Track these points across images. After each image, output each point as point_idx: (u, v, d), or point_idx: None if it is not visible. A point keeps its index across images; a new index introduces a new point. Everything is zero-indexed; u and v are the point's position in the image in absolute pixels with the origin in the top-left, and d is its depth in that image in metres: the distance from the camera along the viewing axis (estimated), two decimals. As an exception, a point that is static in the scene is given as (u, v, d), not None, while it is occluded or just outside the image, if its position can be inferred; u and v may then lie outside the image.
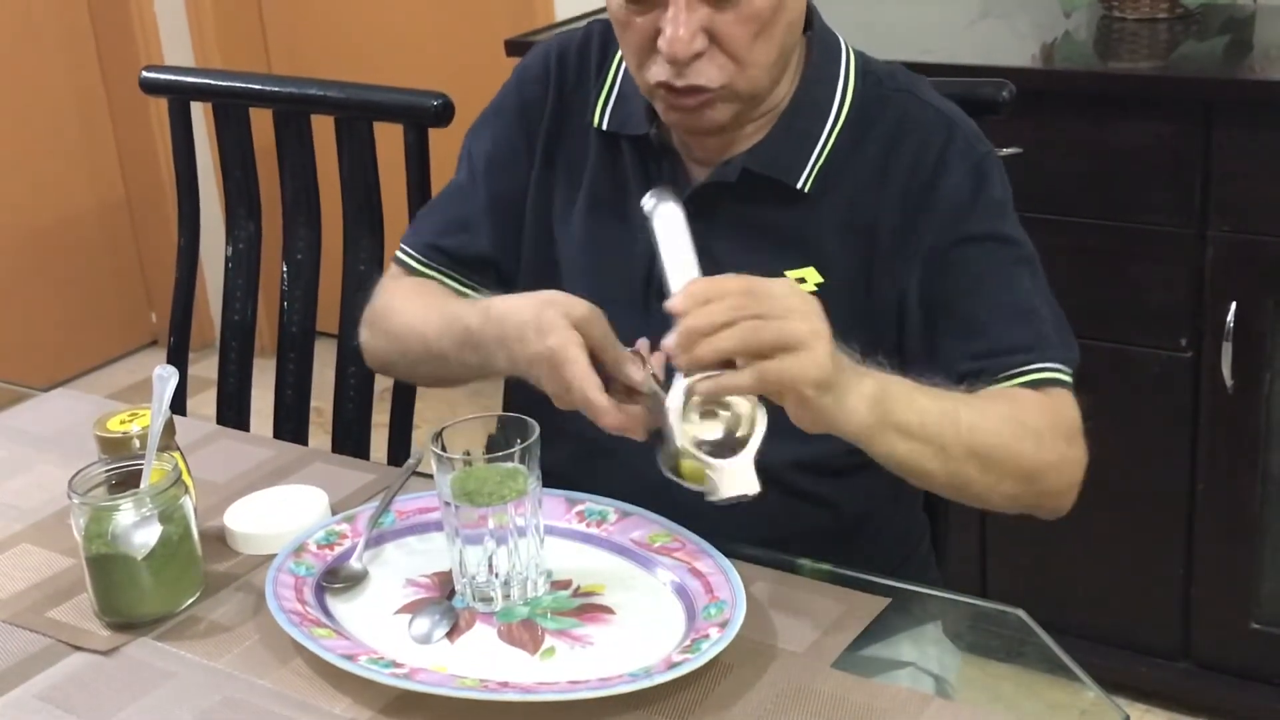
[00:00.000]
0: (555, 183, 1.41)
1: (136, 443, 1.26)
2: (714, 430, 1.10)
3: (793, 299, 1.08)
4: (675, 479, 1.11)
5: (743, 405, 1.10)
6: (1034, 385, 1.26)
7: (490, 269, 1.44)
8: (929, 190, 1.29)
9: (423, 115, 1.70)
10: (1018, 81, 1.49)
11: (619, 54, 1.37)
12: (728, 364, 1.08)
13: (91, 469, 1.19)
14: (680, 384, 1.09)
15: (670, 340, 1.08)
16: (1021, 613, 1.16)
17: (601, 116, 1.38)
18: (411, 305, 1.40)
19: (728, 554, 1.18)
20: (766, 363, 1.06)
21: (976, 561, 2.33)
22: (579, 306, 1.17)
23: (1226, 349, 2.04)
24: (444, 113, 1.70)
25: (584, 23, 1.46)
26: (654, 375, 1.15)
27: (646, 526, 1.24)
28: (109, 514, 1.14)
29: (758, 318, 1.06)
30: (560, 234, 1.41)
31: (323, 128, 1.77)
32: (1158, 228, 2.06)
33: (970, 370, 1.26)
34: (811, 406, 1.09)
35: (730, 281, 1.08)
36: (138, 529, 1.14)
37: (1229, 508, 2.13)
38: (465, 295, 1.43)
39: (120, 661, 1.13)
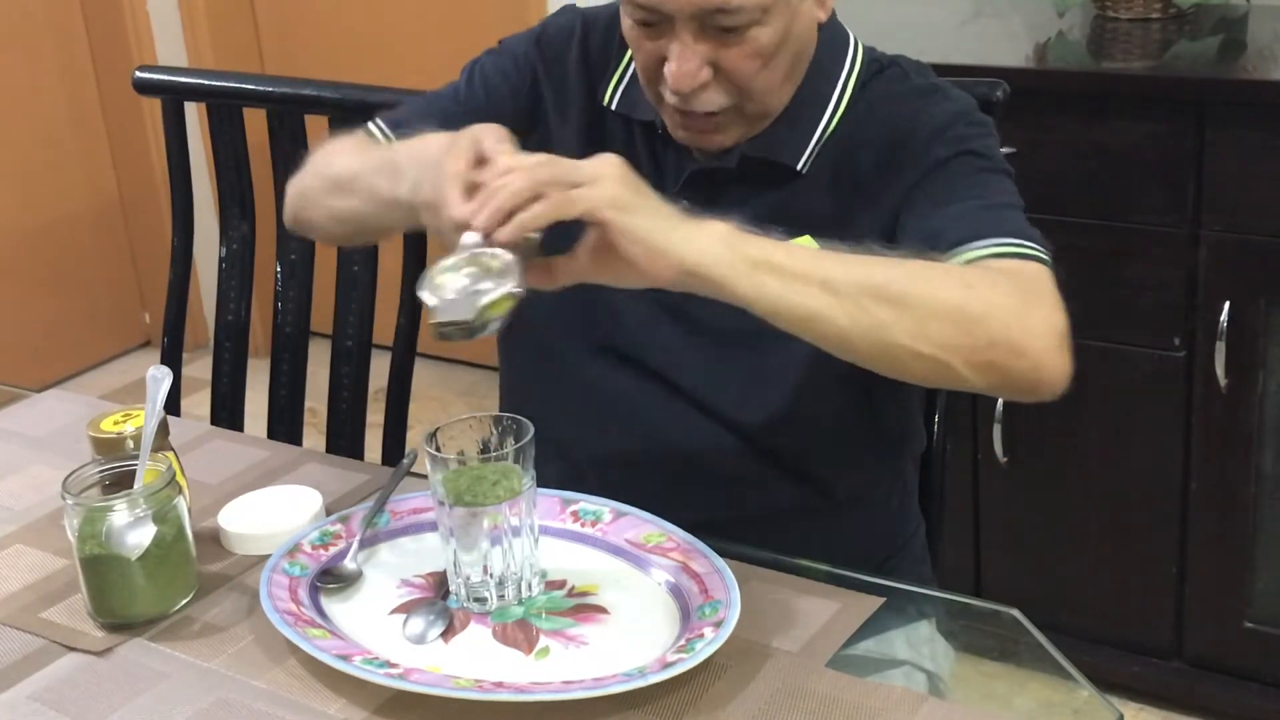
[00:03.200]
0: (569, 150, 1.40)
1: (130, 443, 1.26)
2: (458, 280, 1.09)
3: (583, 160, 1.10)
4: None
5: (495, 263, 1.09)
6: (987, 259, 1.17)
7: None
8: (905, 137, 1.29)
9: (417, 115, 1.70)
10: (1011, 81, 1.49)
11: None
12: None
13: (85, 470, 1.19)
14: (464, 240, 1.10)
15: (470, 212, 1.09)
16: (1015, 612, 1.17)
17: (612, 96, 1.39)
18: (356, 146, 1.39)
19: (722, 554, 1.18)
20: (558, 192, 1.07)
21: (971, 560, 2.33)
22: (494, 130, 1.17)
23: (1220, 348, 2.04)
24: (438, 113, 1.69)
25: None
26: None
27: (641, 526, 1.24)
28: (103, 515, 1.14)
29: (550, 162, 1.09)
30: None
31: (317, 128, 1.77)
32: (1151, 227, 2.07)
33: (916, 251, 1.19)
34: (622, 231, 1.07)
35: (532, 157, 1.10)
36: (131, 530, 1.14)
37: (1222, 507, 2.13)
38: None
39: (114, 662, 1.13)
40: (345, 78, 1.93)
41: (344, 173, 1.34)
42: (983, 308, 1.10)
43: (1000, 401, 2.19)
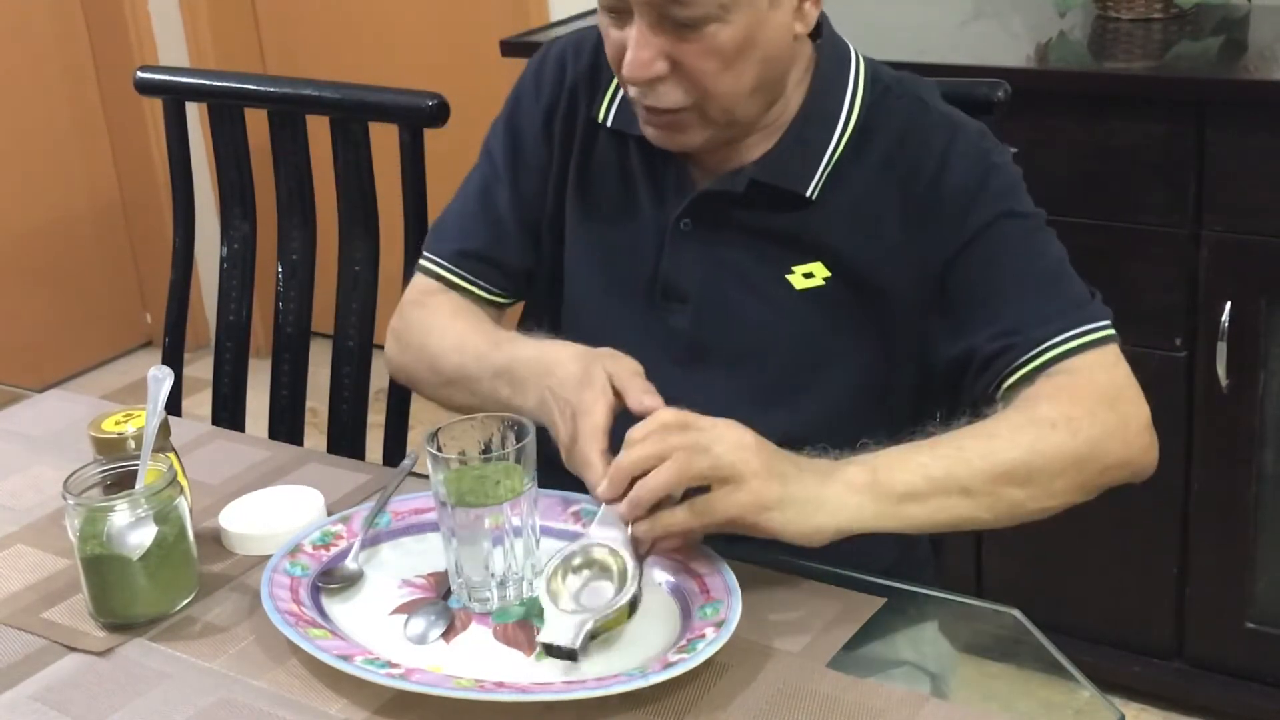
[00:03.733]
0: (569, 179, 1.41)
1: (131, 443, 1.26)
2: (575, 583, 1.12)
3: (722, 428, 1.11)
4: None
5: (617, 564, 1.11)
6: (1066, 356, 1.24)
7: (521, 272, 1.44)
8: (934, 189, 1.29)
9: (418, 116, 1.70)
10: (1012, 81, 1.49)
11: None
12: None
13: (86, 470, 1.19)
14: (595, 526, 1.13)
15: (603, 488, 1.11)
16: (1017, 612, 1.17)
17: (607, 113, 1.38)
18: (454, 326, 1.39)
19: (723, 554, 1.18)
20: (704, 498, 1.09)
21: (972, 561, 2.33)
22: (626, 364, 1.19)
23: (1221, 348, 2.04)
24: (439, 113, 1.70)
25: (585, 21, 1.47)
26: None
27: (642, 526, 1.24)
28: (104, 515, 1.14)
29: (690, 449, 1.09)
30: (570, 230, 1.41)
31: (318, 128, 1.77)
32: (1152, 227, 2.07)
33: (997, 350, 1.25)
34: (775, 525, 1.10)
35: (663, 414, 1.12)
36: (133, 530, 1.14)
37: (1223, 507, 2.13)
38: (497, 303, 1.44)
39: (115, 662, 1.13)
40: (347, 78, 1.93)
41: (456, 370, 1.35)
42: (1091, 447, 1.20)
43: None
